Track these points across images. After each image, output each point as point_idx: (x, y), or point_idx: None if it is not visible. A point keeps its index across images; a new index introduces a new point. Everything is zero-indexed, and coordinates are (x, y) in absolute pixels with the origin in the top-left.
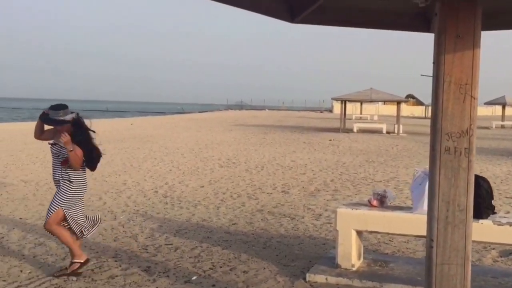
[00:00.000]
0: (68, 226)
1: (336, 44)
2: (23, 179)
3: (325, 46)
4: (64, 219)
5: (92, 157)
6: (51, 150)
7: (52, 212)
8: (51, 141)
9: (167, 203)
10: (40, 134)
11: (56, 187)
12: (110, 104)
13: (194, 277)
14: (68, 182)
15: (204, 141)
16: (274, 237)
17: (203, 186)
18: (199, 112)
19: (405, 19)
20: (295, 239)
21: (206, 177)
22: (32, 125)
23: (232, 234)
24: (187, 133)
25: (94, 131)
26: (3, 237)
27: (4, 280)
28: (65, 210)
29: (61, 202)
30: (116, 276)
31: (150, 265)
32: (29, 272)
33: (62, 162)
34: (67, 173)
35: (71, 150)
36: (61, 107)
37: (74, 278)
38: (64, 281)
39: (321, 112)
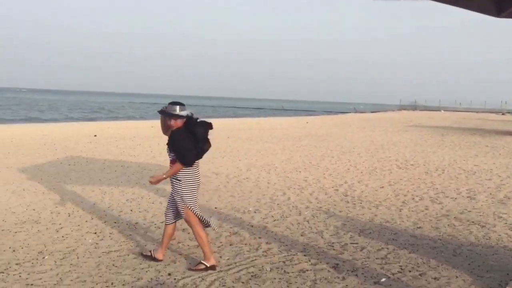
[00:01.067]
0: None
1: None
2: (214, 171)
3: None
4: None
5: (185, 153)
6: (167, 150)
7: (183, 213)
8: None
9: (348, 201)
10: (165, 130)
11: (171, 184)
12: (285, 103)
13: (383, 279)
14: (177, 181)
15: (379, 141)
16: (464, 245)
17: (382, 187)
18: (371, 112)
19: None
20: (487, 249)
21: (385, 178)
22: (225, 122)
23: (418, 238)
24: (361, 133)
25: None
26: None
27: None
28: (191, 207)
29: (184, 202)
30: (307, 270)
31: (338, 262)
32: (228, 259)
33: (171, 161)
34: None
35: (165, 177)
36: (178, 104)
37: (268, 269)
38: (259, 270)
39: (503, 114)
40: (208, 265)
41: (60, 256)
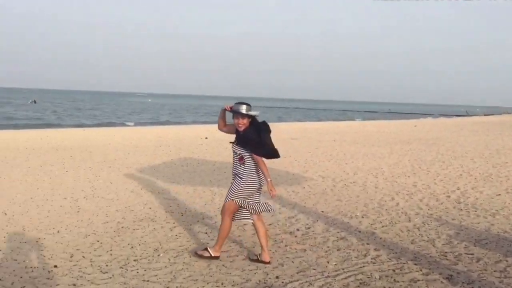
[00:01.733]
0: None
1: None
2: (321, 174)
3: None
4: (240, 207)
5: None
6: (232, 148)
7: (225, 202)
8: (232, 140)
9: (461, 209)
10: (222, 126)
11: (232, 179)
12: (392, 105)
13: None
14: (240, 179)
15: (494, 146)
16: None
17: (499, 194)
18: (484, 115)
19: None
20: None
21: (501, 185)
22: (331, 125)
23: None
24: (474, 137)
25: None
26: (309, 228)
27: (314, 269)
28: (238, 202)
29: (233, 195)
30: (418, 280)
31: (451, 273)
32: (335, 264)
33: (239, 159)
34: (240, 169)
35: (270, 179)
36: (245, 104)
37: (377, 276)
38: (368, 277)
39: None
40: (213, 255)
41: (174, 254)
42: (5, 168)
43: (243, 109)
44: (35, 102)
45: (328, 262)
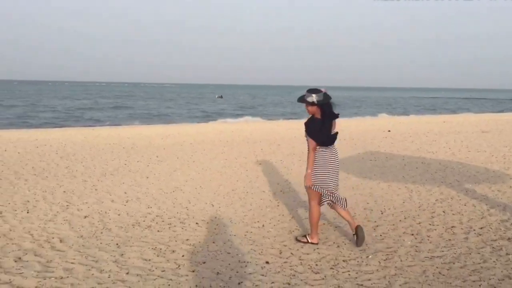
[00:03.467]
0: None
1: None
2: None
3: None
4: (320, 195)
5: (318, 136)
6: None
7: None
8: None
9: None
10: None
11: None
12: None
13: None
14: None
15: None
16: None
17: None
18: None
19: None
20: None
21: None
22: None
23: None
24: None
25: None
26: None
27: None
28: (315, 188)
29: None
30: None
31: None
32: None
33: (307, 146)
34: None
35: (309, 171)
36: (314, 91)
37: None
38: None
39: None
40: (310, 241)
41: (383, 256)
42: (205, 160)
43: (307, 96)
44: (221, 97)
45: None
